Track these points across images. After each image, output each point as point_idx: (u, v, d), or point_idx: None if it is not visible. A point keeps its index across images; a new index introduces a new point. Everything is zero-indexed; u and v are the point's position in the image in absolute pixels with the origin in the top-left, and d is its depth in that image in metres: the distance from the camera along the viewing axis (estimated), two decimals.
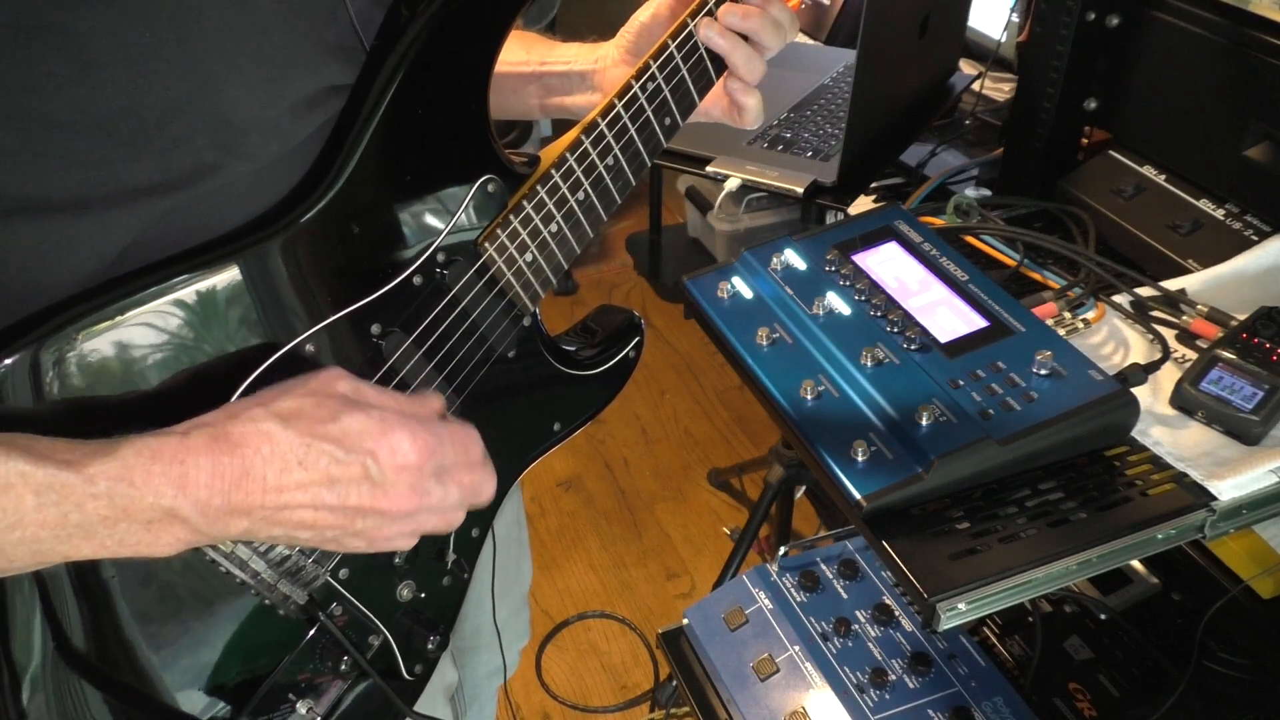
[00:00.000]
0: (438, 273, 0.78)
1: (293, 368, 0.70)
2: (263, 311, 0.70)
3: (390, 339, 0.76)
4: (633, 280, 3.17)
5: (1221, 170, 1.11)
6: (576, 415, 0.93)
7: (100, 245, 0.65)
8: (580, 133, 0.83)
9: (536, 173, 0.82)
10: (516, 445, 0.90)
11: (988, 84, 1.62)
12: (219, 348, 0.68)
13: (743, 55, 0.87)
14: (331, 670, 0.79)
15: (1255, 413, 0.85)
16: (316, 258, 0.72)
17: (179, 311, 0.66)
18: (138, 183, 0.65)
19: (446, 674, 1.02)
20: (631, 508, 2.45)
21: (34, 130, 0.61)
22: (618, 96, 0.84)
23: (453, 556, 0.86)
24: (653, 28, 0.91)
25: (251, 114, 0.68)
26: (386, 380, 0.77)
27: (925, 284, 0.97)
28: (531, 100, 0.98)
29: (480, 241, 0.80)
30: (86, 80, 0.61)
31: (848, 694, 1.05)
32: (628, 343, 0.95)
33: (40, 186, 0.62)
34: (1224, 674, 1.11)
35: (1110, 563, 0.79)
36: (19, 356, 0.61)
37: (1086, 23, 1.15)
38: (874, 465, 0.81)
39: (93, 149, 0.63)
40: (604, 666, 2.09)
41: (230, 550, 0.70)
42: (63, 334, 0.63)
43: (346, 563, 0.77)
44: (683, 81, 0.87)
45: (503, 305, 0.83)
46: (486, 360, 0.83)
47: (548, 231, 0.83)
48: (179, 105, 0.65)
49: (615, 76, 0.93)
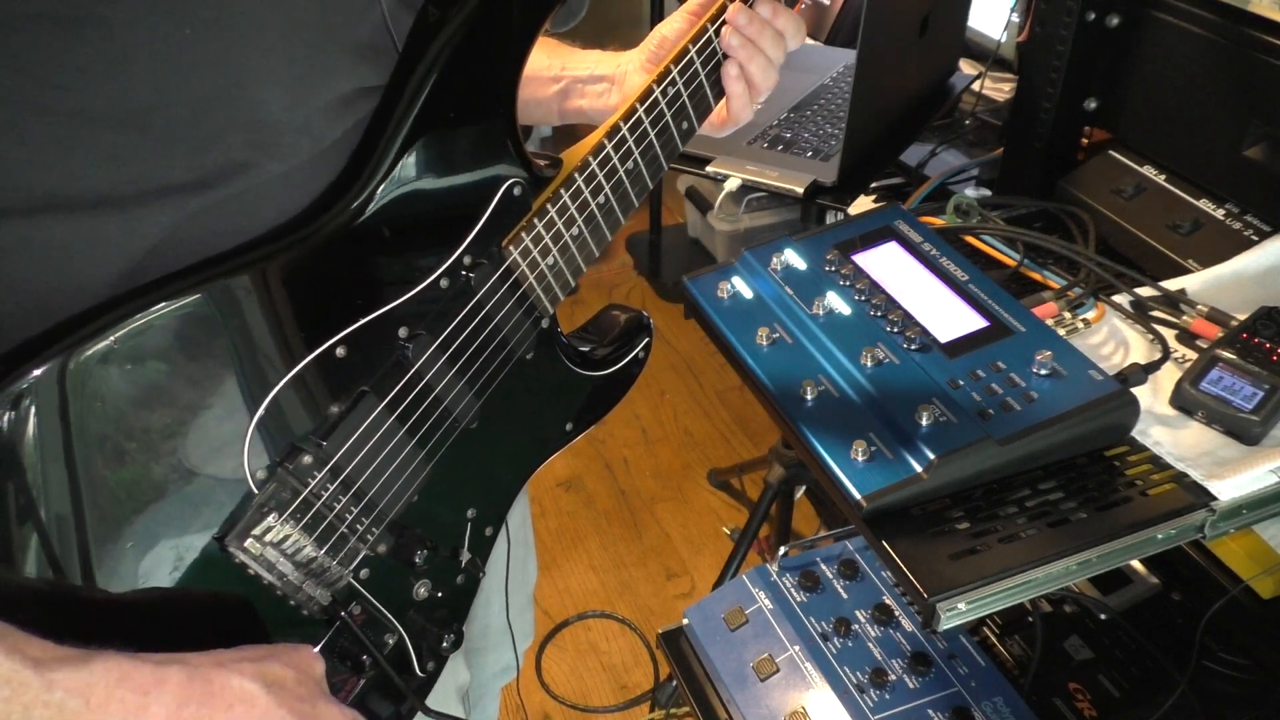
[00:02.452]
0: (463, 275, 0.78)
1: (325, 371, 0.71)
2: (295, 316, 0.70)
3: (417, 342, 0.76)
4: (633, 280, 3.17)
5: (1221, 170, 1.11)
6: (588, 415, 0.94)
7: (129, 243, 0.65)
8: (603, 136, 0.84)
9: (559, 176, 0.83)
10: (530, 445, 0.90)
11: (988, 84, 1.62)
12: (251, 353, 0.68)
13: (759, 65, 0.90)
14: (348, 669, 0.79)
15: (1255, 413, 0.85)
16: (348, 262, 0.72)
17: (212, 317, 0.66)
18: (168, 180, 0.65)
19: (459, 674, 1.02)
20: (631, 508, 2.45)
21: (63, 123, 0.61)
22: (639, 100, 0.85)
23: (467, 555, 0.86)
24: (674, 39, 0.93)
25: (283, 113, 0.68)
26: (413, 384, 0.77)
27: (925, 284, 0.97)
28: (551, 105, 1.00)
29: (505, 244, 0.80)
30: (120, 74, 0.61)
31: (848, 694, 1.05)
32: (637, 343, 0.97)
33: (68, 182, 0.62)
34: (1224, 674, 1.11)
35: (1110, 563, 0.79)
36: (47, 368, 0.61)
37: (1086, 23, 1.15)
38: (874, 465, 0.81)
39: (123, 144, 0.63)
40: (604, 666, 2.09)
41: (259, 553, 0.70)
42: (94, 342, 0.62)
43: (367, 563, 0.78)
44: (700, 86, 0.89)
45: (524, 308, 0.83)
46: (507, 362, 0.84)
47: (569, 235, 0.84)
48: (211, 102, 0.64)
49: (635, 83, 0.94)
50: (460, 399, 0.80)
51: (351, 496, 0.75)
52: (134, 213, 0.64)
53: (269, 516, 0.70)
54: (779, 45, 0.91)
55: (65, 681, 0.56)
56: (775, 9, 0.90)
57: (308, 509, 0.72)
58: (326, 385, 0.72)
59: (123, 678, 0.58)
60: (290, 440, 0.71)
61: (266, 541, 0.70)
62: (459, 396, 0.80)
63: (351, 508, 0.75)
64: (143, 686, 0.59)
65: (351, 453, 0.74)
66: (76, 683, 0.57)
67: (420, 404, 0.78)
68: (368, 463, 0.75)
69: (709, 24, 0.88)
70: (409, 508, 0.79)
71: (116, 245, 0.65)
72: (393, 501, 0.78)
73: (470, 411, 0.82)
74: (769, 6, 0.90)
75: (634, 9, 3.06)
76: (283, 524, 0.71)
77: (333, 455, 0.73)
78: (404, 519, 0.79)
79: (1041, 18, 1.19)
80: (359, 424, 0.74)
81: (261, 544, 0.70)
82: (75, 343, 0.61)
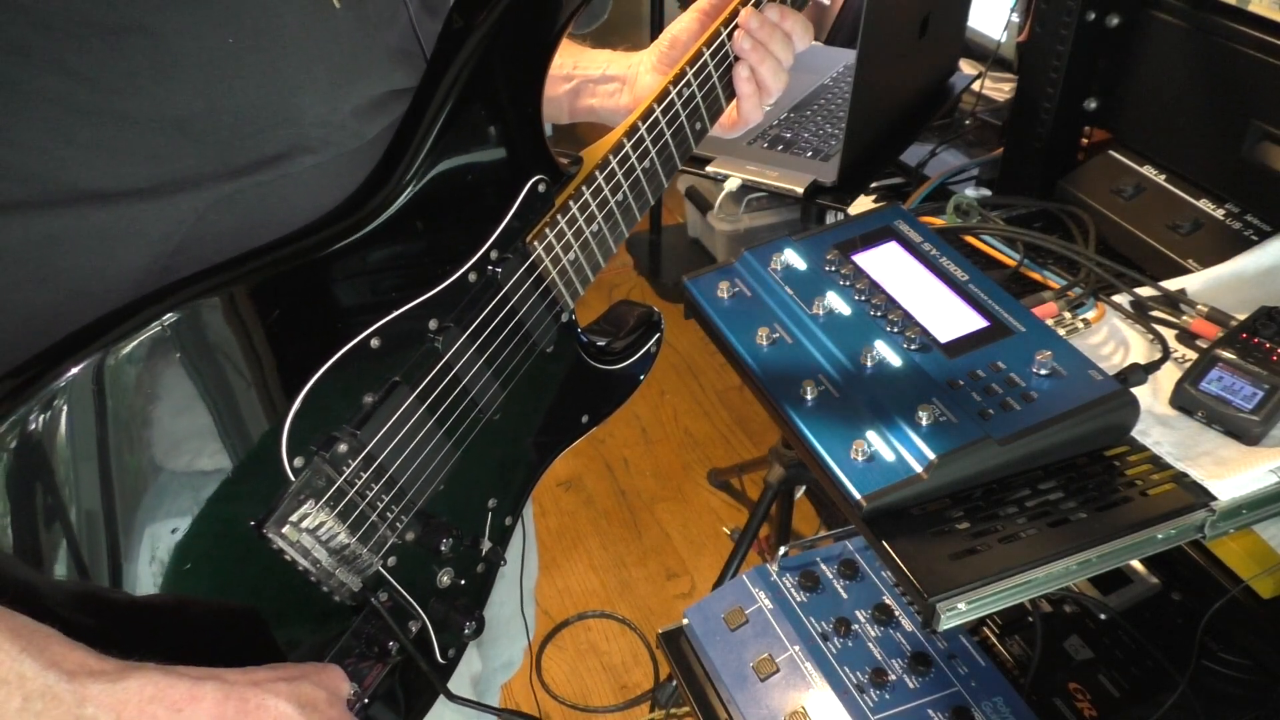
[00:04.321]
0: (490, 270, 0.80)
1: (359, 362, 0.72)
2: (331, 309, 0.72)
3: (446, 334, 0.78)
4: (633, 280, 3.17)
5: (1221, 170, 1.11)
6: (602, 408, 0.97)
7: (165, 228, 0.66)
8: (622, 135, 0.87)
9: (581, 174, 0.85)
10: (548, 437, 0.93)
11: (988, 84, 1.62)
12: (289, 346, 0.70)
13: (770, 67, 0.91)
14: (375, 655, 0.80)
15: (1255, 413, 0.85)
16: (381, 256, 0.74)
17: (251, 311, 0.67)
18: (203, 171, 0.66)
19: (473, 663, 1.04)
20: (631, 508, 2.45)
21: (110, 125, 0.62)
22: (656, 101, 0.87)
23: (488, 544, 0.88)
24: (685, 40, 0.95)
25: (319, 116, 0.70)
26: (442, 375, 0.79)
27: (925, 284, 0.97)
28: (562, 103, 1.02)
29: (529, 240, 0.83)
30: (166, 81, 0.63)
31: (848, 694, 1.05)
32: (649, 338, 1.00)
33: (110, 179, 0.64)
34: (1224, 674, 1.11)
35: (1110, 563, 0.79)
36: (85, 365, 0.61)
37: (1086, 23, 1.15)
38: (874, 465, 0.81)
39: (165, 145, 0.64)
40: (604, 666, 2.09)
41: (296, 539, 0.72)
42: (133, 338, 0.62)
43: (395, 550, 0.79)
44: (714, 88, 0.91)
45: (547, 302, 0.86)
46: (530, 355, 0.86)
47: (589, 231, 0.87)
48: (253, 108, 0.66)
49: (647, 84, 0.96)
50: (486, 390, 0.83)
51: (383, 485, 0.77)
52: (171, 199, 0.66)
53: (306, 504, 0.72)
54: (788, 48, 0.92)
55: (99, 697, 0.57)
56: (784, 12, 0.92)
57: (341, 496, 0.74)
58: (360, 376, 0.74)
59: (157, 694, 0.59)
60: (327, 430, 0.73)
61: (303, 528, 0.72)
62: (485, 387, 0.83)
63: (382, 496, 0.77)
64: (176, 704, 0.59)
65: (384, 442, 0.76)
66: (110, 699, 0.57)
67: (449, 394, 0.80)
68: (399, 451, 0.77)
69: (722, 27, 0.90)
70: (435, 497, 0.81)
71: (154, 230, 0.66)
72: (421, 490, 0.80)
73: (495, 402, 0.84)
74: (778, 10, 0.91)
75: (634, 9, 3.06)
76: (318, 511, 0.73)
77: (366, 444, 0.75)
78: (430, 508, 0.81)
79: (1041, 18, 1.19)
80: (391, 413, 0.76)
81: (298, 530, 0.72)
82: (113, 340, 0.62)
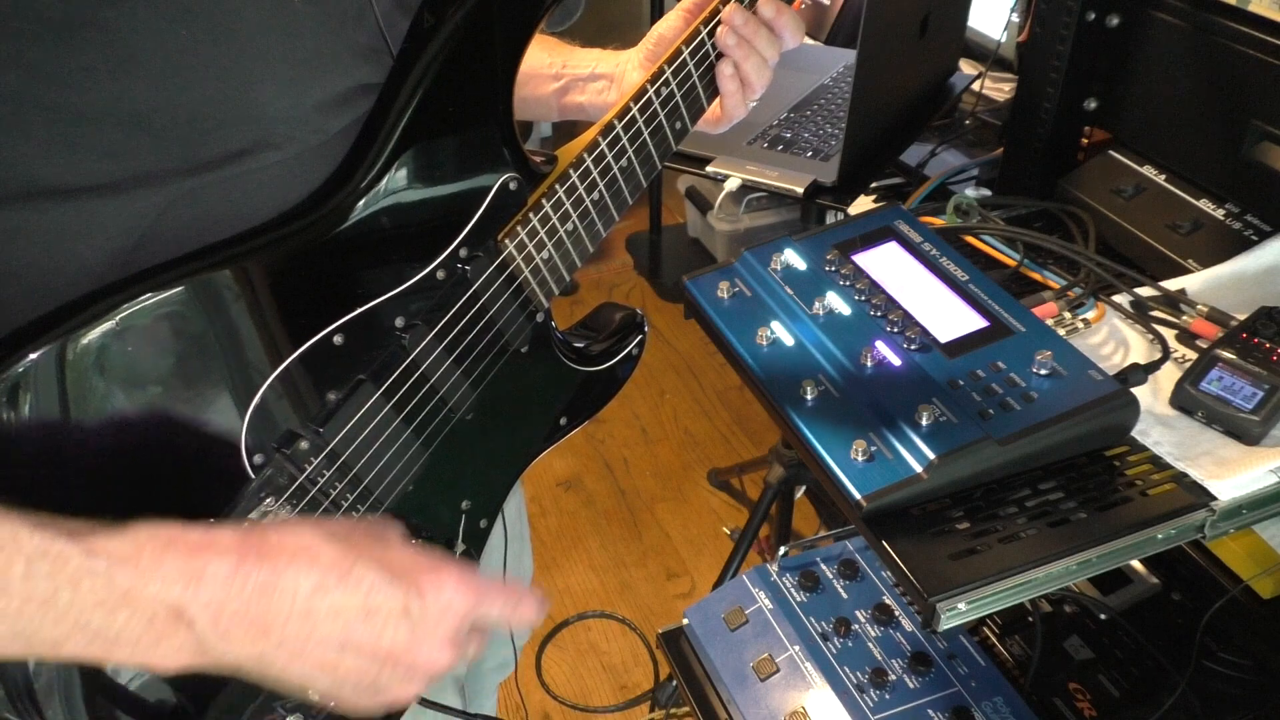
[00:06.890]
0: (459, 268, 0.80)
1: (322, 359, 0.71)
2: (293, 303, 0.71)
3: (414, 332, 0.78)
4: (633, 280, 3.17)
5: (1221, 170, 1.11)
6: (582, 410, 0.95)
7: (126, 223, 0.66)
8: (598, 134, 0.86)
9: (555, 172, 0.84)
10: (525, 438, 0.92)
11: (988, 84, 1.62)
12: (249, 339, 0.69)
13: (754, 64, 0.90)
14: None
15: (1255, 413, 0.85)
16: (346, 251, 0.73)
17: (211, 303, 0.67)
18: (165, 166, 0.66)
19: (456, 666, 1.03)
20: (631, 508, 2.44)
21: (67, 121, 0.62)
22: (633, 100, 0.87)
23: (462, 547, 0.87)
24: (671, 38, 0.94)
25: (281, 111, 0.69)
26: (409, 374, 0.78)
27: (925, 284, 0.97)
28: (551, 102, 1.01)
29: (501, 238, 0.82)
30: (122, 76, 0.62)
31: (848, 694, 1.05)
32: (631, 340, 0.98)
33: (69, 174, 0.63)
34: (1224, 674, 1.11)
35: (1110, 563, 0.79)
36: (46, 350, 0.61)
37: (1086, 23, 1.15)
38: (874, 465, 0.81)
39: (123, 140, 0.64)
40: (604, 666, 2.09)
41: None
42: (94, 326, 0.62)
43: None
44: (694, 87, 0.90)
45: (519, 301, 0.85)
46: (501, 355, 0.85)
47: (564, 230, 0.86)
48: (212, 103, 0.66)
49: (634, 81, 0.95)
50: (456, 389, 0.82)
51: (347, 484, 0.76)
52: (132, 194, 0.65)
53: (265, 501, 0.71)
54: (774, 45, 0.92)
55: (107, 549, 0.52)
56: (775, 8, 0.91)
57: (303, 495, 0.73)
58: (324, 372, 0.73)
59: (169, 541, 0.54)
60: (288, 426, 0.72)
61: None
62: (454, 387, 0.82)
63: (347, 495, 0.76)
64: (193, 548, 0.55)
65: (348, 440, 0.75)
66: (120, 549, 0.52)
67: (416, 393, 0.79)
68: (364, 450, 0.76)
69: (702, 25, 0.89)
70: (404, 497, 0.80)
71: (113, 226, 0.65)
72: (388, 490, 0.79)
73: (466, 402, 0.83)
74: (769, 6, 0.91)
75: (634, 9, 3.06)
76: (279, 508, 0.72)
77: (329, 442, 0.74)
78: (399, 508, 0.80)
79: (1041, 18, 1.19)
80: (355, 411, 0.75)
81: None
82: (74, 327, 0.62)
